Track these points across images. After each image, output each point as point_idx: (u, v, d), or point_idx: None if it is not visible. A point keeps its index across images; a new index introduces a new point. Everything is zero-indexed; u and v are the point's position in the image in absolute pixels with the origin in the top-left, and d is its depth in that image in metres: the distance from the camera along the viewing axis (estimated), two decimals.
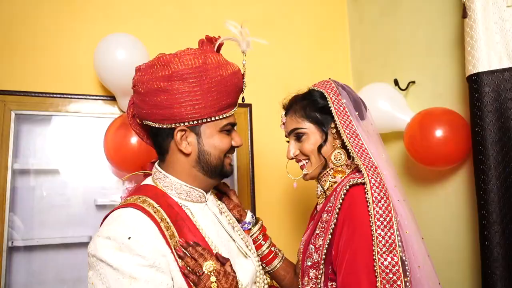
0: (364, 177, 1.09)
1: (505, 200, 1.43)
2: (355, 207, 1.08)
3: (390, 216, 1.03)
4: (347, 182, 1.12)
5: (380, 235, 1.02)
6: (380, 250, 1.01)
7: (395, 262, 1.00)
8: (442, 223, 1.87)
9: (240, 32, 1.21)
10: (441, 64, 1.90)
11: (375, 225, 1.02)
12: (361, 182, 1.10)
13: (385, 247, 1.02)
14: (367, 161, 1.12)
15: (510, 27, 1.48)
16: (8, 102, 1.89)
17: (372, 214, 1.03)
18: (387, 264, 1.01)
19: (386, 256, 1.01)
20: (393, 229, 1.03)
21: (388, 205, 1.05)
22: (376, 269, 1.01)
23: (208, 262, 1.05)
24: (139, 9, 2.18)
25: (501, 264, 1.40)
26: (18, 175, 1.95)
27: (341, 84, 1.31)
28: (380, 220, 1.03)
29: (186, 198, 1.19)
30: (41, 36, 2.00)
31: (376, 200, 1.05)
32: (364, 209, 1.06)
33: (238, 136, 1.26)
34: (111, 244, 0.99)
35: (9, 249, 1.86)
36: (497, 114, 1.48)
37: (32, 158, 1.99)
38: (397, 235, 1.03)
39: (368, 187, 1.06)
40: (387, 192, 1.07)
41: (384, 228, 1.02)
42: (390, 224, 1.03)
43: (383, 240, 1.02)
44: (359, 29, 2.54)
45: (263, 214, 2.26)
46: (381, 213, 1.03)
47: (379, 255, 1.01)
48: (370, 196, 1.05)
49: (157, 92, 1.10)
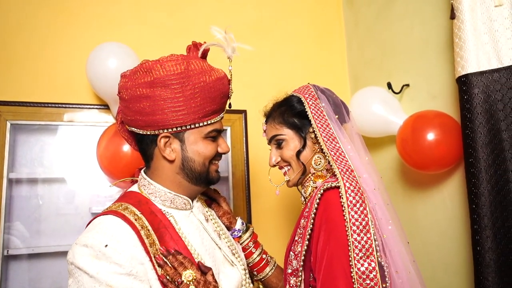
0: (339, 181, 1.07)
1: (496, 204, 1.39)
2: (330, 211, 1.06)
3: (366, 220, 1.01)
4: (322, 186, 1.11)
5: (356, 240, 1.00)
6: (357, 255, 0.99)
7: (372, 268, 0.98)
8: (438, 228, 1.84)
9: (224, 38, 1.21)
10: (434, 67, 1.87)
11: (351, 229, 1.00)
12: (335, 185, 1.08)
13: (361, 252, 0.99)
14: (342, 165, 1.10)
15: (498, 27, 1.45)
16: (3, 112, 1.92)
17: (347, 218, 1.01)
18: (364, 270, 0.98)
19: (362, 261, 0.99)
20: (370, 233, 1.01)
21: (364, 209, 1.03)
22: (353, 274, 0.99)
23: (187, 271, 1.04)
24: (132, 18, 2.20)
25: (493, 270, 1.36)
26: (14, 184, 1.97)
27: (321, 88, 1.30)
28: (356, 225, 1.01)
29: (171, 205, 1.18)
30: (35, 46, 2.03)
31: (351, 204, 1.03)
32: (339, 213, 1.04)
33: (225, 143, 1.25)
34: (88, 251, 0.99)
35: (5, 258, 1.87)
36: (487, 115, 1.44)
37: (28, 167, 2.02)
38: (375, 240, 1.01)
39: (343, 191, 1.04)
40: (363, 196, 1.05)
41: (360, 233, 1.00)
42: (366, 229, 1.01)
43: (359, 245, 1.00)
44: (355, 33, 2.52)
45: (258, 220, 2.24)
46: (356, 217, 1.01)
47: (356, 260, 0.99)
48: (345, 200, 1.03)
49: (140, 99, 1.11)
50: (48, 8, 2.07)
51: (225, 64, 1.22)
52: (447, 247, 1.79)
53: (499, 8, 1.45)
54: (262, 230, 2.24)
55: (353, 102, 2.08)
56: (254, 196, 2.27)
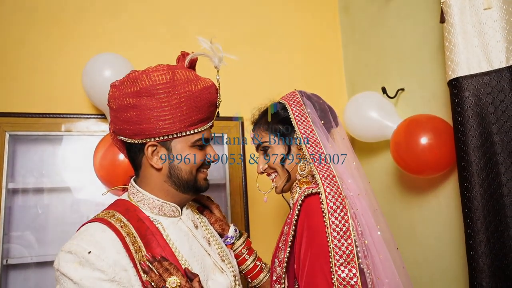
0: (319, 187, 1.07)
1: (489, 208, 1.38)
2: (311, 217, 1.06)
3: (347, 226, 1.01)
4: (303, 192, 1.11)
5: (337, 246, 0.99)
6: (337, 261, 0.99)
7: (353, 274, 0.98)
8: (435, 232, 1.82)
9: (210, 48, 1.22)
10: (428, 71, 1.87)
11: (331, 235, 1.00)
12: (316, 191, 1.08)
13: (342, 258, 0.99)
14: (324, 170, 1.10)
15: (488, 30, 1.44)
16: (2, 123, 1.95)
17: (327, 225, 1.01)
18: (344, 276, 0.98)
19: (343, 268, 0.98)
20: (351, 239, 1.00)
21: (345, 214, 1.02)
22: (334, 281, 0.98)
23: (172, 277, 1.05)
24: (128, 29, 2.23)
25: (487, 275, 1.34)
26: (13, 194, 2.00)
27: (308, 94, 1.30)
28: (336, 230, 1.00)
29: (159, 212, 1.19)
30: (32, 58, 2.06)
31: (331, 210, 1.02)
32: (319, 219, 1.04)
33: (213, 151, 1.26)
34: (72, 258, 1.01)
35: (4, 267, 1.89)
36: (478, 119, 1.43)
37: (27, 177, 2.04)
38: (356, 246, 1.00)
39: (323, 197, 1.04)
40: (344, 201, 1.04)
41: (341, 239, 1.00)
42: (347, 234, 1.00)
43: (339, 251, 0.99)
44: (351, 39, 2.53)
45: (256, 227, 2.24)
46: (337, 223, 1.01)
47: (336, 267, 0.99)
48: (326, 206, 1.03)
49: (127, 108, 1.13)
50: (44, 21, 2.10)
51: (222, 73, 1.23)
52: (444, 251, 1.76)
53: (488, 11, 1.45)
54: (260, 236, 2.24)
55: (348, 108, 2.08)
56: (251, 202, 2.27)
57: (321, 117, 1.24)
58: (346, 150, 1.25)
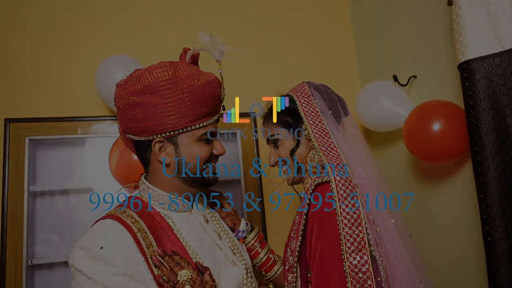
0: (329, 175, 1.07)
1: (505, 192, 1.34)
2: (322, 205, 1.06)
3: (357, 213, 1.01)
4: (313, 181, 1.11)
5: (348, 233, 0.99)
6: (349, 249, 0.99)
7: (364, 261, 0.97)
8: (453, 219, 1.79)
9: (211, 42, 1.23)
10: (440, 56, 1.83)
11: (342, 223, 1.00)
12: (326, 180, 1.08)
13: (353, 245, 0.99)
14: (334, 159, 1.10)
15: (497, 10, 1.41)
16: (22, 129, 2.01)
17: (338, 212, 1.01)
18: (356, 263, 0.98)
19: (355, 255, 0.98)
20: (362, 226, 1.00)
21: (355, 202, 1.02)
22: (345, 268, 0.98)
23: (183, 271, 1.06)
24: (138, 31, 2.26)
25: (506, 261, 1.31)
26: (35, 197, 2.06)
27: (316, 84, 1.30)
28: (347, 218, 1.00)
29: (169, 207, 1.21)
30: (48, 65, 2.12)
31: (342, 198, 1.02)
32: (330, 207, 1.04)
33: (220, 145, 1.27)
34: (85, 254, 1.04)
35: (29, 267, 1.96)
36: (490, 102, 1.40)
37: (48, 180, 2.10)
38: (367, 233, 1.00)
39: (334, 185, 1.04)
40: (354, 189, 1.04)
41: (352, 226, 1.00)
42: (358, 222, 1.00)
43: (351, 238, 0.99)
44: (362, 28, 2.50)
45: (273, 222, 2.25)
46: (348, 211, 1.00)
47: (348, 254, 0.98)
48: (336, 193, 1.03)
49: (132, 106, 1.15)
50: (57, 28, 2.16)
51: (237, 69, 1.24)
52: (463, 238, 1.74)
53: None
54: (276, 232, 2.24)
55: (360, 98, 2.06)
56: (266, 198, 2.28)
57: (330, 107, 1.23)
58: (356, 139, 1.25)
